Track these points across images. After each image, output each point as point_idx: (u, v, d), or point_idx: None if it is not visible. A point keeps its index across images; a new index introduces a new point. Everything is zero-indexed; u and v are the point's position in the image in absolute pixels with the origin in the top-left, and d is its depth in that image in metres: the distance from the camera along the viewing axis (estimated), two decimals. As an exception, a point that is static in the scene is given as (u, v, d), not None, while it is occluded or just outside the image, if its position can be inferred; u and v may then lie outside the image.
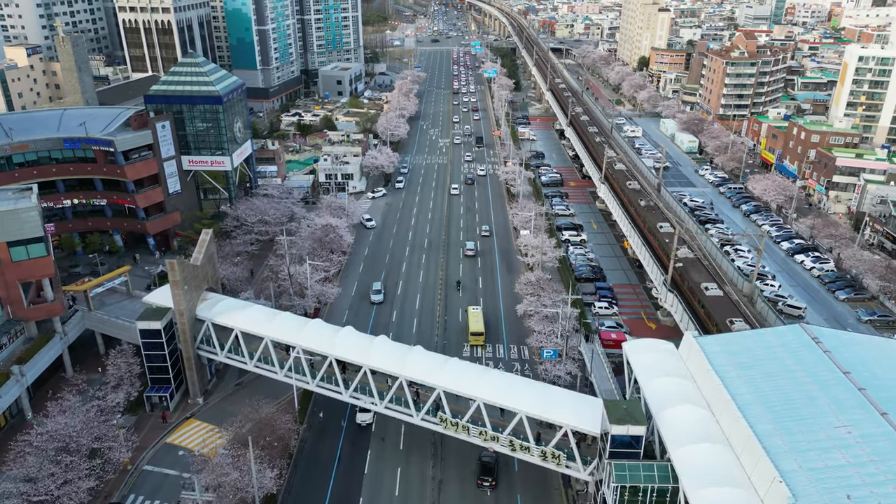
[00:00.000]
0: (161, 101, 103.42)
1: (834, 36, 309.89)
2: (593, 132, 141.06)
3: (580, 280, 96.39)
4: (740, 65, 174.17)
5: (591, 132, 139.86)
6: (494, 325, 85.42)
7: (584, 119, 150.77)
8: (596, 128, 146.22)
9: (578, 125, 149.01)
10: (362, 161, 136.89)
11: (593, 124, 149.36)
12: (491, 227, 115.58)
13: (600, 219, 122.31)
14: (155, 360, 68.86)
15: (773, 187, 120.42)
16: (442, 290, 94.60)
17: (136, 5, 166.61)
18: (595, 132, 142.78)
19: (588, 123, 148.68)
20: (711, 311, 74.18)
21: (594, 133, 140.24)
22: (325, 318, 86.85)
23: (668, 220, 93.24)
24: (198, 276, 70.44)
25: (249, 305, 70.89)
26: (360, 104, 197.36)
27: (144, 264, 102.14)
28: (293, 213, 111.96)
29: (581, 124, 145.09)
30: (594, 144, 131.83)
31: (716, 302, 76.02)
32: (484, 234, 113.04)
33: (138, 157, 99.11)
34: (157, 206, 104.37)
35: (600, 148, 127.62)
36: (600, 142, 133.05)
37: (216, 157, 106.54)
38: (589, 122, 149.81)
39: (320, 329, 65.75)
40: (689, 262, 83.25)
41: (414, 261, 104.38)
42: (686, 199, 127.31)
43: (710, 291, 76.91)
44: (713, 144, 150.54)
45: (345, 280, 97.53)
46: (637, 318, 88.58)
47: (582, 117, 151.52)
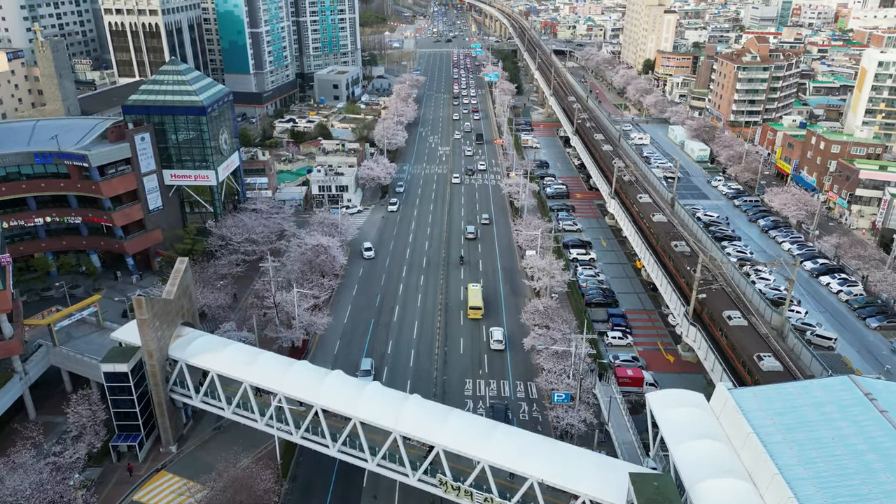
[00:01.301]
0: (140, 111, 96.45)
1: (843, 38, 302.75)
2: (601, 141, 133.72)
3: (590, 305, 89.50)
4: (752, 69, 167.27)
5: (598, 142, 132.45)
6: (499, 360, 78.43)
7: (590, 127, 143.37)
8: (602, 136, 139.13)
9: (585, 134, 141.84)
10: (358, 172, 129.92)
11: (600, 133, 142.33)
12: (494, 247, 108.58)
13: (609, 235, 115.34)
14: (122, 405, 61.87)
15: (793, 201, 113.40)
16: (441, 317, 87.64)
17: (122, 7, 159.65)
18: (602, 140, 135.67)
19: (595, 131, 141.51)
20: (737, 345, 67.33)
21: (601, 141, 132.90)
22: (315, 350, 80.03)
23: (686, 242, 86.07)
24: (171, 311, 63.49)
25: (228, 343, 63.92)
26: (357, 109, 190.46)
27: (122, 286, 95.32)
28: (283, 231, 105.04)
29: (588, 133, 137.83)
30: (603, 156, 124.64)
31: (742, 334, 69.17)
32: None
33: (115, 172, 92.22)
34: (136, 223, 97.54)
35: (609, 160, 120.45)
36: (609, 152, 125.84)
37: (200, 171, 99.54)
38: (596, 131, 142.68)
39: (305, 373, 58.80)
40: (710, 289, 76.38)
41: (412, 282, 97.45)
42: (700, 214, 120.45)
43: (733, 321, 70.08)
44: (726, 154, 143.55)
45: (337, 304, 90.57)
46: (653, 348, 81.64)
47: (588, 125, 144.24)
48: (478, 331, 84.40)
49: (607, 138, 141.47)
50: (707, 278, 78.88)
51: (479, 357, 78.85)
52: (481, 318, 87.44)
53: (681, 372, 76.45)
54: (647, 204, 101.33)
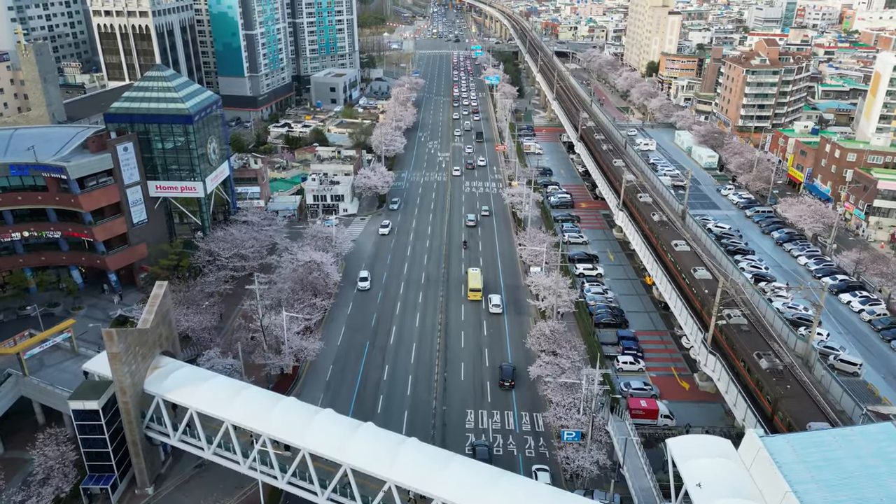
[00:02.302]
0: (123, 119, 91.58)
1: (849, 40, 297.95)
2: (609, 153, 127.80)
3: (599, 325, 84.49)
4: (762, 73, 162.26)
5: (607, 154, 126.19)
6: (503, 391, 73.39)
7: (598, 138, 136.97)
8: (609, 145, 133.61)
9: (591, 142, 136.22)
10: (354, 181, 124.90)
11: (607, 141, 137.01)
12: (497, 262, 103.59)
13: (617, 248, 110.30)
14: (94, 444, 56.87)
15: (809, 213, 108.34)
16: (441, 338, 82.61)
17: (111, 9, 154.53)
18: (609, 150, 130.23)
19: (603, 142, 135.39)
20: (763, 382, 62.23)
21: (610, 153, 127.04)
22: (306, 376, 74.98)
23: (704, 266, 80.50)
24: (147, 342, 58.45)
25: (210, 376, 58.87)
26: (355, 114, 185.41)
27: (104, 304, 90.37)
28: (274, 245, 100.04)
29: (596, 144, 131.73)
30: (611, 168, 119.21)
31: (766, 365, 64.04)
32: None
33: (96, 185, 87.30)
34: (119, 237, 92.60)
35: (618, 171, 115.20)
36: (617, 165, 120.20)
37: (187, 182, 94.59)
38: (603, 141, 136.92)
39: (293, 412, 53.79)
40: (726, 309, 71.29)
41: (409, 299, 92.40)
42: (710, 225, 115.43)
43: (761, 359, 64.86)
44: (736, 161, 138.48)
45: (330, 324, 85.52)
46: (667, 374, 76.61)
47: (595, 135, 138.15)
48: (479, 355, 79.40)
49: (613, 145, 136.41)
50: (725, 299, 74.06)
51: (481, 384, 73.86)
52: (480, 299, 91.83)
53: (697, 401, 71.50)
54: (661, 222, 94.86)
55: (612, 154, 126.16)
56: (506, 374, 73.20)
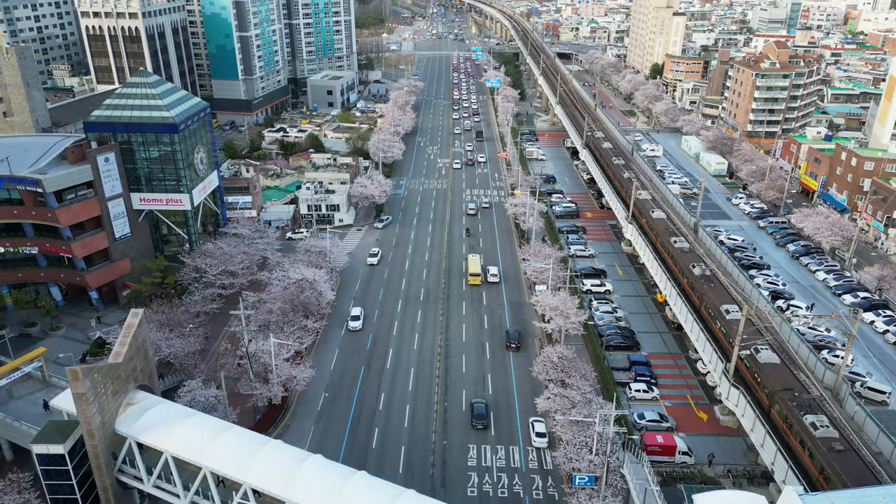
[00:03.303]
0: (105, 128, 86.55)
1: (856, 41, 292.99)
2: (616, 162, 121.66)
3: (609, 349, 79.47)
4: (771, 76, 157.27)
5: (614, 164, 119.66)
6: (507, 423, 68.39)
7: (605, 147, 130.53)
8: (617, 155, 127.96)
9: (599, 153, 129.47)
10: (350, 189, 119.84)
11: (614, 150, 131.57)
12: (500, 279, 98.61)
13: (625, 261, 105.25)
14: (60, 491, 51.86)
15: (827, 225, 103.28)
16: (441, 362, 77.62)
17: (99, 10, 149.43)
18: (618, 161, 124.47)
19: (610, 151, 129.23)
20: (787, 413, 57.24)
21: (618, 165, 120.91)
22: (296, 406, 69.90)
23: (726, 290, 74.92)
24: (119, 377, 53.43)
25: (188, 415, 53.81)
26: (352, 118, 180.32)
27: (84, 324, 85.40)
28: (265, 260, 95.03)
29: (603, 154, 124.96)
30: (621, 181, 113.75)
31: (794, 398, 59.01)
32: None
33: (75, 198, 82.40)
34: (101, 252, 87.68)
35: (627, 184, 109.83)
36: (621, 166, 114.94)
37: (172, 194, 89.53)
38: (611, 150, 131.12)
39: (278, 457, 48.80)
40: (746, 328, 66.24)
41: (407, 319, 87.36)
42: (723, 237, 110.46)
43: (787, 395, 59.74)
44: (747, 169, 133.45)
45: (323, 347, 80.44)
46: (682, 402, 71.58)
47: (602, 144, 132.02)
48: (482, 381, 74.36)
49: (620, 153, 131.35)
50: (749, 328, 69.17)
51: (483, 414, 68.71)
52: (480, 283, 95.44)
53: (717, 434, 66.47)
54: (678, 246, 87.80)
55: (620, 166, 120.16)
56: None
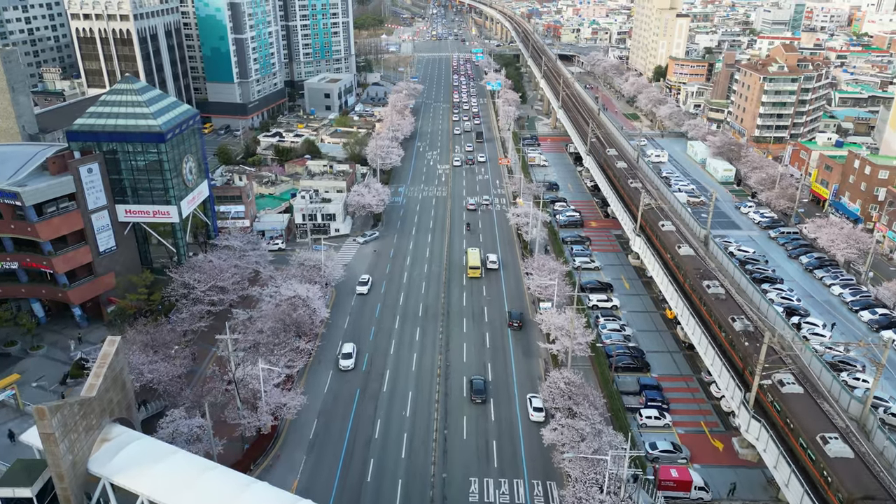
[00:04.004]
0: (88, 137, 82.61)
1: (861, 43, 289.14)
2: (623, 173, 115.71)
3: (618, 370, 75.51)
4: (780, 80, 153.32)
5: (623, 177, 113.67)
6: (511, 462, 64.42)
7: (612, 157, 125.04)
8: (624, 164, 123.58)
9: (607, 166, 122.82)
10: (347, 198, 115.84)
11: (619, 157, 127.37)
12: (502, 294, 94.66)
13: (632, 274, 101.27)
14: (28, 536, 47.85)
15: (842, 237, 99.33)
16: (440, 384, 73.66)
17: (90, 12, 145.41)
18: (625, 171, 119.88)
19: (616, 159, 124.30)
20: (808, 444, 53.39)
21: (625, 174, 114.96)
22: (287, 434, 65.93)
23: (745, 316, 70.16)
24: (94, 411, 49.50)
25: (168, 453, 49.90)
26: (350, 122, 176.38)
27: (66, 342, 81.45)
28: (257, 274, 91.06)
29: (613, 170, 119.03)
30: (629, 193, 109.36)
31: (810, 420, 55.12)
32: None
33: (56, 211, 78.47)
34: (84, 267, 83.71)
35: (635, 193, 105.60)
36: (633, 186, 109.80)
37: (160, 206, 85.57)
38: (617, 157, 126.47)
39: (263, 502, 44.89)
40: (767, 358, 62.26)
41: (405, 337, 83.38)
42: (733, 248, 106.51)
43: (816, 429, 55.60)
44: (756, 176, 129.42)
45: (316, 367, 76.47)
46: (696, 430, 67.63)
47: (610, 155, 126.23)
48: (483, 411, 70.35)
49: (626, 161, 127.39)
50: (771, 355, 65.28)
51: (486, 443, 64.88)
52: (480, 276, 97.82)
53: (734, 466, 62.52)
54: (690, 257, 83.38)
55: (626, 174, 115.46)
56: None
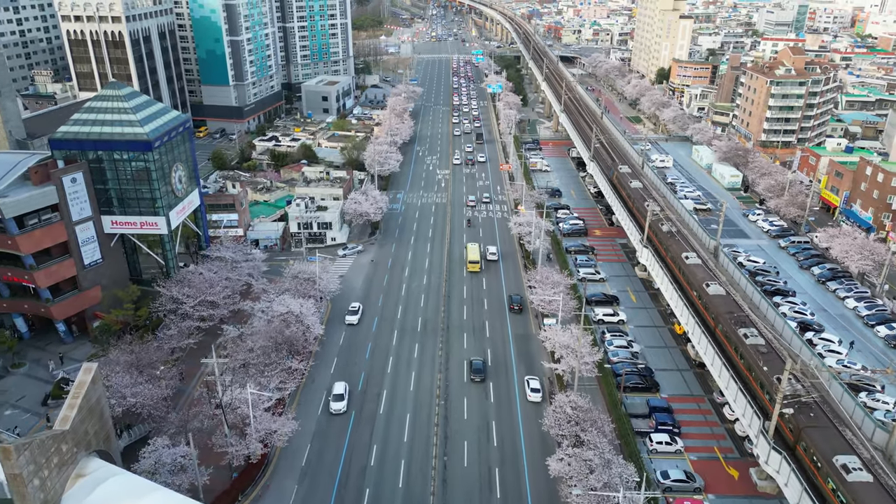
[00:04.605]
0: (72, 146, 79.14)
1: (866, 45, 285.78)
2: (639, 193, 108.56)
3: (626, 390, 72.08)
4: (787, 84, 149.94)
5: (634, 190, 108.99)
6: (514, 476, 60.98)
7: (624, 172, 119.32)
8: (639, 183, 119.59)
9: (621, 187, 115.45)
10: (343, 206, 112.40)
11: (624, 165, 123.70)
12: (504, 310, 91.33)
13: (638, 286, 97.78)
14: (-5, 582, 44.44)
15: (856, 248, 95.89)
16: (440, 407, 70.22)
17: (81, 14, 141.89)
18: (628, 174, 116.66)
19: (630, 177, 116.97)
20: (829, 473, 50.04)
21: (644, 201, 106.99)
22: (278, 461, 62.43)
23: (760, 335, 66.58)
24: (68, 446, 46.02)
25: (147, 490, 46.49)
26: (348, 125, 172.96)
27: (50, 357, 78.04)
28: (250, 287, 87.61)
29: (623, 180, 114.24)
30: (633, 198, 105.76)
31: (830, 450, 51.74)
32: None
33: (38, 223, 75.12)
34: (69, 281, 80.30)
35: (641, 203, 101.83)
36: (638, 187, 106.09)
37: (147, 217, 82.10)
38: (620, 164, 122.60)
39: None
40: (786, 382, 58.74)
41: (403, 354, 79.92)
42: (742, 258, 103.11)
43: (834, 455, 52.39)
44: (765, 183, 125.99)
45: (310, 387, 72.96)
46: (709, 456, 64.19)
47: (622, 170, 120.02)
48: (485, 428, 66.98)
49: (629, 165, 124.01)
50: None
51: (488, 471, 61.44)
52: (479, 270, 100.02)
53: (751, 496, 59.11)
54: (698, 266, 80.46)
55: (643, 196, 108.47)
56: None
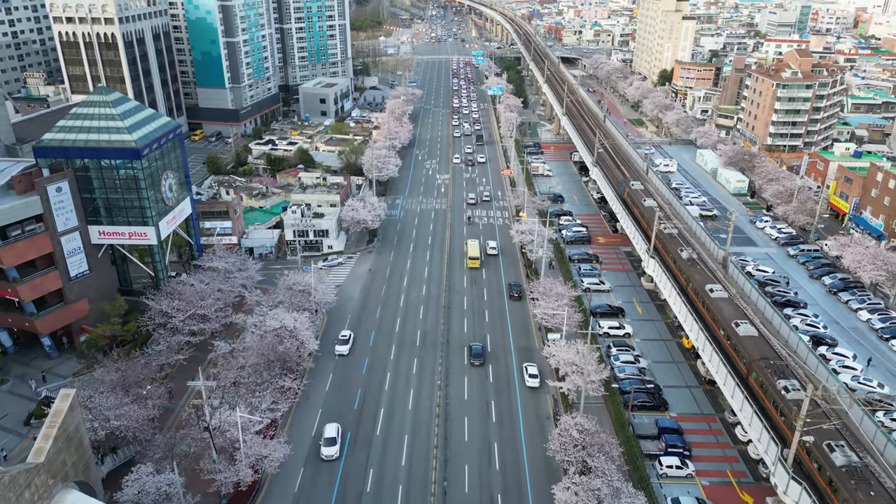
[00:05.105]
0: (58, 153, 76.23)
1: (870, 46, 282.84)
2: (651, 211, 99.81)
3: (634, 409, 69.13)
4: (793, 87, 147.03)
5: (648, 209, 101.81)
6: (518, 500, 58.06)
7: (637, 189, 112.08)
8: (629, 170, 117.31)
9: (633, 205, 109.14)
10: (340, 213, 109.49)
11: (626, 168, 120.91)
12: (506, 325, 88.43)
13: (644, 296, 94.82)
14: None
15: (869, 258, 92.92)
16: (439, 427, 67.27)
17: (73, 15, 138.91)
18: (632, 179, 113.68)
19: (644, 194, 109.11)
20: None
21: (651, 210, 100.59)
22: (269, 488, 59.36)
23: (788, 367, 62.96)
24: (42, 479, 43.07)
25: (126, 527, 43.54)
26: (346, 129, 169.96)
27: (34, 373, 75.09)
28: (243, 299, 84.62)
29: (635, 198, 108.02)
30: (641, 207, 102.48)
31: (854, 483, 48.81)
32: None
33: (22, 234, 72.08)
34: (55, 293, 77.33)
35: (650, 213, 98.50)
36: (648, 205, 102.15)
37: (136, 227, 79.14)
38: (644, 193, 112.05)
39: None
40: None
41: (401, 370, 76.93)
42: (751, 267, 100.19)
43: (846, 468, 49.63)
44: (772, 189, 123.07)
45: (304, 405, 69.96)
46: (722, 481, 61.24)
47: (634, 186, 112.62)
48: (487, 451, 64.03)
49: (633, 170, 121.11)
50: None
51: (490, 498, 58.46)
52: (479, 266, 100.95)
53: (767, 527, 56.17)
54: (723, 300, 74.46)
55: (647, 200, 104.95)
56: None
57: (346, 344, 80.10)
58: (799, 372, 62.05)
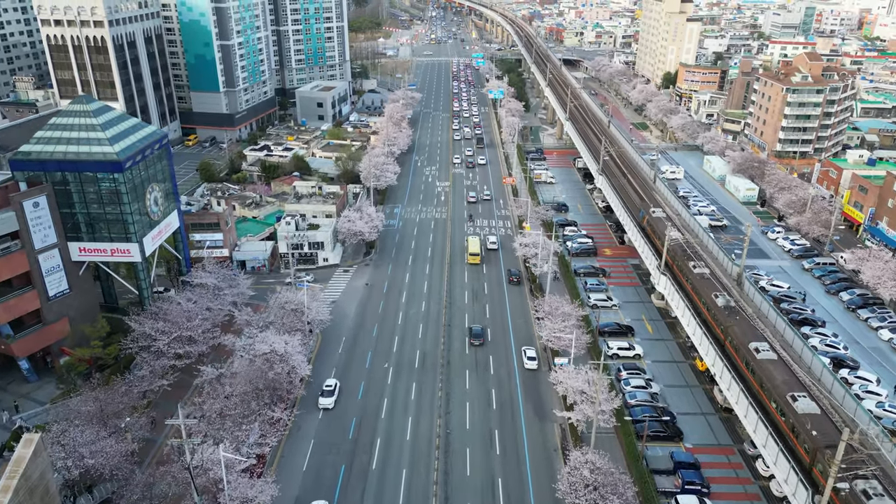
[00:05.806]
0: (35, 167, 71.94)
1: (877, 48, 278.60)
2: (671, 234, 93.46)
3: (648, 440, 64.86)
4: (804, 91, 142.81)
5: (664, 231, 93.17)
6: (524, 547, 53.79)
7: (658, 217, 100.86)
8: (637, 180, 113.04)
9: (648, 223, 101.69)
10: (337, 224, 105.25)
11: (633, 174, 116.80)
12: (510, 344, 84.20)
13: (654, 314, 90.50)
14: None
15: (888, 271, 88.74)
16: (440, 459, 63.01)
17: (61, 18, 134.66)
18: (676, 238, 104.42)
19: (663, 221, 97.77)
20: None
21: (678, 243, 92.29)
22: (255, 532, 55.09)
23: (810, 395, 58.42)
24: (-2, 539, 38.75)
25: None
26: (343, 133, 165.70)
27: (9, 400, 70.85)
28: (232, 318, 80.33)
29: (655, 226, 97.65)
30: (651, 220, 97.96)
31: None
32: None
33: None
34: (32, 314, 73.17)
35: (659, 225, 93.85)
36: (656, 216, 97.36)
37: (119, 243, 74.91)
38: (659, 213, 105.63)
39: None
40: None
41: (399, 394, 72.69)
42: (764, 282, 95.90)
43: None
44: (785, 199, 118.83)
45: (295, 436, 65.72)
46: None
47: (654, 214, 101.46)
48: (490, 487, 59.77)
49: (639, 179, 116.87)
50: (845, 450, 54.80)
51: (494, 541, 54.30)
52: (479, 262, 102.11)
53: (793, 574, 51.86)
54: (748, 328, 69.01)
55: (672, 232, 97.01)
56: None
57: (331, 396, 69.84)
58: (824, 402, 57.78)
